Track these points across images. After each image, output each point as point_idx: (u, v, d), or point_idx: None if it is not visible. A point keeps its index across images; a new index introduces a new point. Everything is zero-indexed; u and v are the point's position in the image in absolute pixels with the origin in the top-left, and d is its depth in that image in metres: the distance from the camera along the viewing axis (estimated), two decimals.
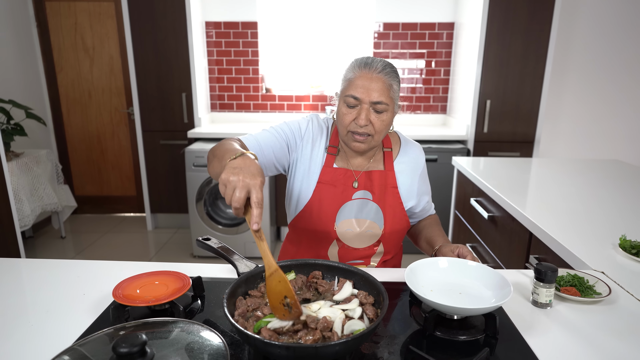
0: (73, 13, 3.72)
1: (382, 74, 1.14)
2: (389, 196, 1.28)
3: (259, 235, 0.82)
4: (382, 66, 1.15)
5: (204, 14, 3.66)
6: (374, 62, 1.16)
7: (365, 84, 1.14)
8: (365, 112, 1.14)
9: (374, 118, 1.15)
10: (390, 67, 1.17)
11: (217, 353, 0.69)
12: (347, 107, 1.17)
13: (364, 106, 1.14)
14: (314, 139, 1.29)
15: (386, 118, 1.17)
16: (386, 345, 0.83)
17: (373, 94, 1.13)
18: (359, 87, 1.14)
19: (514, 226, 1.66)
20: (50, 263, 1.19)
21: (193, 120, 3.54)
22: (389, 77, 1.15)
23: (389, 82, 1.15)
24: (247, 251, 3.25)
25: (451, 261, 1.03)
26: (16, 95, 3.44)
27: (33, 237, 3.64)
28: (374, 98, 1.13)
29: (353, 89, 1.15)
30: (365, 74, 1.14)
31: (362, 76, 1.15)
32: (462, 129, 3.34)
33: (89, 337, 0.73)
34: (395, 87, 1.17)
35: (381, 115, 1.16)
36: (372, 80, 1.14)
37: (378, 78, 1.14)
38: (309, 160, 1.28)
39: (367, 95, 1.13)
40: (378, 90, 1.13)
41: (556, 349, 0.84)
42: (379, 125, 1.16)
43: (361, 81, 1.14)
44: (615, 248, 1.27)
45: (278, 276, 0.81)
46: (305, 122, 1.31)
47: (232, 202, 0.81)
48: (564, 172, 2.15)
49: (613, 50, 3.55)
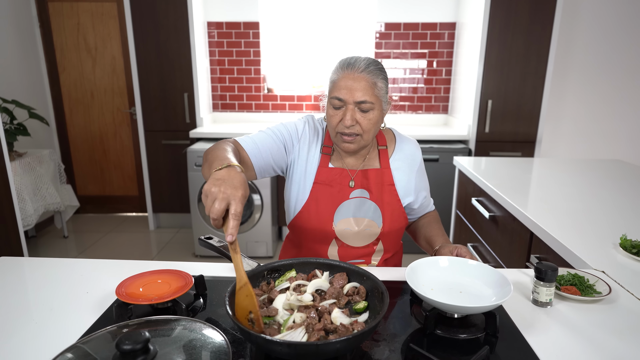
0: (76, 13, 3.74)
1: (365, 72, 1.14)
2: (387, 194, 1.28)
3: (234, 248, 0.82)
4: (365, 65, 1.14)
5: (205, 14, 3.67)
6: (356, 62, 1.15)
7: (348, 84, 1.13)
8: (351, 112, 1.14)
9: (360, 117, 1.15)
10: (374, 65, 1.16)
11: (219, 351, 0.70)
12: (333, 108, 1.17)
13: (348, 107, 1.14)
14: (310, 140, 1.29)
15: (373, 117, 1.16)
16: (387, 343, 0.84)
17: (356, 94, 1.13)
18: (342, 88, 1.14)
19: (515, 226, 1.67)
20: (54, 262, 1.20)
21: (195, 120, 3.54)
22: (372, 75, 1.14)
23: (372, 80, 1.14)
24: (248, 250, 3.25)
25: (452, 260, 1.04)
26: (19, 95, 3.46)
27: (36, 236, 3.65)
28: (358, 98, 1.13)
29: (337, 90, 1.15)
30: (348, 74, 1.14)
31: (345, 77, 1.14)
32: (464, 129, 3.34)
33: (92, 334, 0.73)
34: (380, 84, 1.16)
35: (367, 114, 1.16)
36: (355, 80, 1.13)
37: (361, 77, 1.13)
38: (305, 161, 1.28)
39: (350, 95, 1.13)
40: (361, 90, 1.13)
41: (556, 347, 0.84)
42: (366, 124, 1.16)
43: (344, 82, 1.14)
44: (616, 247, 1.27)
45: (246, 290, 0.80)
46: (302, 124, 1.31)
47: (210, 214, 0.82)
48: (565, 172, 2.15)
49: (615, 51, 3.55)
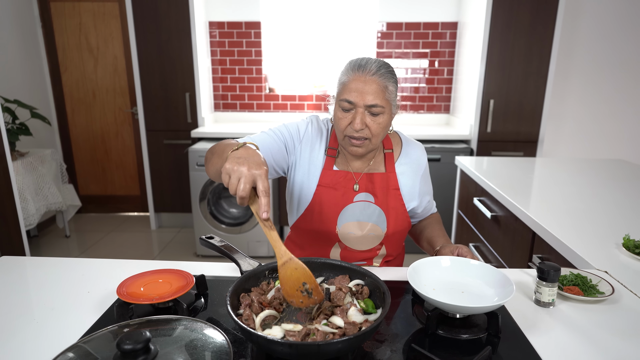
0: (77, 13, 3.74)
1: (377, 75, 1.11)
2: (392, 198, 1.26)
3: (269, 225, 0.80)
4: (377, 67, 1.12)
5: (207, 14, 3.67)
6: (367, 64, 1.12)
7: (359, 87, 1.11)
8: (360, 115, 1.11)
9: (370, 121, 1.13)
10: (385, 68, 1.13)
11: (220, 351, 0.69)
12: (342, 111, 1.14)
13: (358, 110, 1.12)
14: (313, 141, 1.27)
15: (383, 121, 1.14)
16: (389, 343, 0.84)
17: (367, 97, 1.10)
18: (352, 90, 1.11)
19: (517, 226, 1.66)
20: (55, 261, 1.20)
21: (196, 120, 3.55)
22: (383, 78, 1.12)
23: (384, 83, 1.12)
24: (250, 250, 3.25)
25: (454, 260, 1.04)
26: (21, 95, 3.46)
27: (38, 236, 3.66)
28: (369, 101, 1.10)
29: (347, 92, 1.12)
30: (359, 76, 1.11)
31: (355, 79, 1.11)
32: (466, 129, 3.33)
33: (94, 334, 0.73)
34: (391, 88, 1.13)
35: (377, 118, 1.13)
36: (366, 83, 1.10)
37: (372, 80, 1.11)
38: (307, 162, 1.26)
39: (361, 98, 1.11)
40: (373, 93, 1.10)
41: (559, 348, 0.84)
42: (376, 128, 1.13)
43: (355, 84, 1.11)
44: (619, 247, 1.26)
45: (294, 264, 0.79)
46: (305, 125, 1.29)
47: (238, 192, 0.79)
48: (568, 171, 2.14)
49: (617, 50, 3.54)
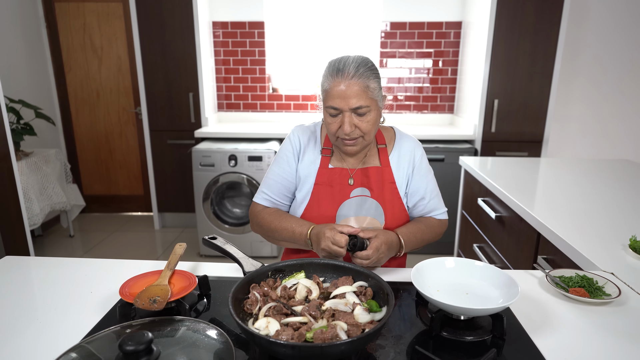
0: (82, 13, 3.75)
1: (356, 77, 1.12)
2: (387, 192, 1.28)
3: None
4: (355, 68, 1.13)
5: (211, 14, 3.67)
6: (345, 67, 1.13)
7: (341, 93, 1.13)
8: (348, 119, 1.14)
9: (358, 121, 1.16)
10: (364, 66, 1.14)
11: (223, 352, 0.69)
12: (330, 116, 1.18)
13: (345, 114, 1.15)
14: (305, 147, 1.31)
15: (371, 118, 1.17)
16: (392, 345, 0.83)
17: (351, 101, 1.13)
18: (335, 97, 1.14)
19: (521, 226, 1.65)
20: (59, 261, 1.20)
21: (200, 120, 3.55)
22: (363, 78, 1.13)
23: (364, 83, 1.13)
24: (253, 250, 3.25)
25: (458, 261, 1.03)
26: (26, 95, 3.48)
27: (42, 235, 3.67)
28: (353, 104, 1.13)
29: (330, 99, 1.15)
30: (339, 81, 1.13)
31: (336, 85, 1.13)
32: (470, 129, 3.32)
33: (96, 334, 0.73)
34: (372, 85, 1.15)
35: (365, 117, 1.16)
36: (347, 87, 1.12)
37: (353, 83, 1.12)
38: (307, 166, 1.30)
39: (345, 103, 1.13)
40: (355, 96, 1.13)
41: (564, 350, 0.83)
42: (365, 126, 1.16)
43: (336, 90, 1.13)
44: (625, 249, 1.25)
45: None
46: (290, 141, 1.32)
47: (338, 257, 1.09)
48: (573, 172, 2.13)
49: (622, 50, 3.51)
